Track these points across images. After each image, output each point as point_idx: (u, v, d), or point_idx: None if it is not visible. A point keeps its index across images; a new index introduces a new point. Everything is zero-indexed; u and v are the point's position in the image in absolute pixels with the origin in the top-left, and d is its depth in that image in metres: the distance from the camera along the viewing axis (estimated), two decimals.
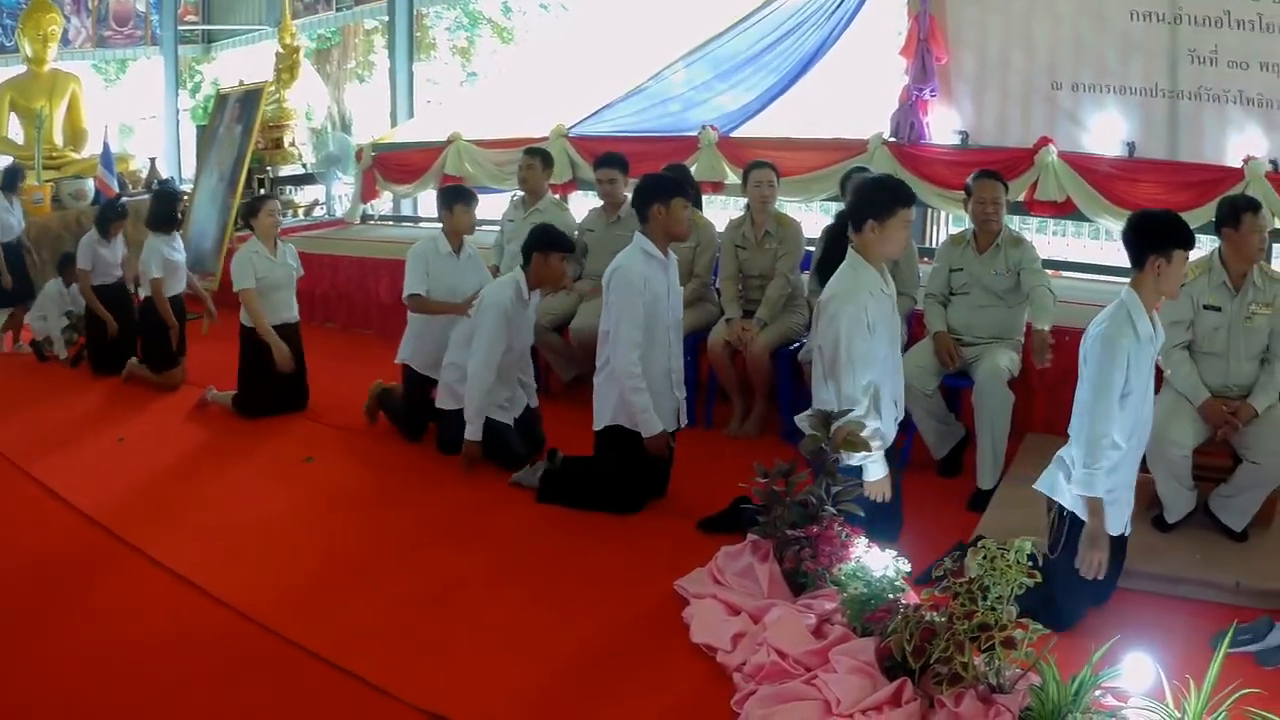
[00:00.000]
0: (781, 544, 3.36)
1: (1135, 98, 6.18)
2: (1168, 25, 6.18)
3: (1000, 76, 6.19)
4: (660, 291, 4.17)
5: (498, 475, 4.61)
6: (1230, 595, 3.62)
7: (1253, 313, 4.16)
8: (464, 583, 3.63)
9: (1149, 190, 5.96)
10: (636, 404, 4.08)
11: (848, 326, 3.37)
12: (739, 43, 7.06)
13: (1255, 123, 6.12)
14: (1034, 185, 6.05)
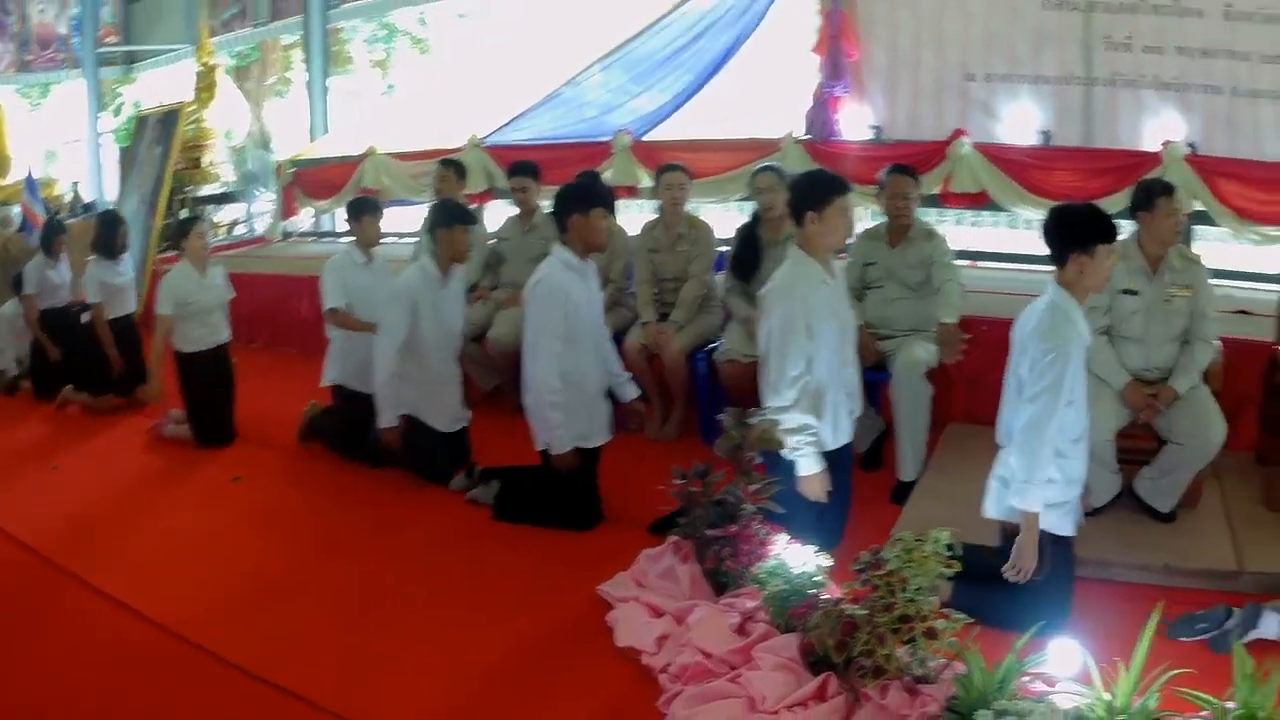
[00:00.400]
0: (701, 544, 3.37)
1: (1049, 86, 6.16)
2: (1081, 13, 6.19)
3: (912, 71, 6.17)
4: (582, 301, 4.14)
5: (422, 486, 4.67)
6: (1160, 576, 3.66)
7: (1171, 295, 4.17)
8: (390, 594, 3.66)
9: (1065, 178, 5.95)
10: (550, 419, 4.04)
11: (780, 321, 3.36)
12: (653, 44, 6.99)
13: (1172, 107, 6.13)
14: (949, 178, 5.97)
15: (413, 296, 4.55)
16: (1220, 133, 6.13)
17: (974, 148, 5.93)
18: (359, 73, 9.83)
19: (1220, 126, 6.14)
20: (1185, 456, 3.96)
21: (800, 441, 3.38)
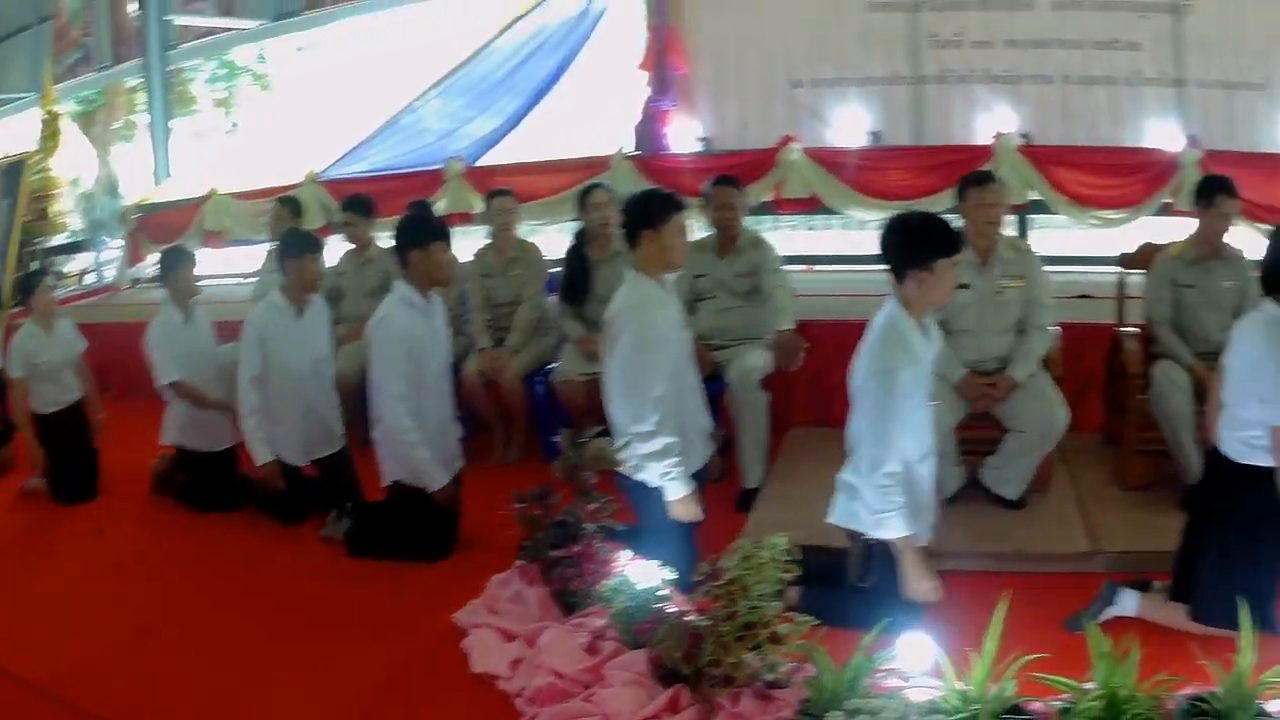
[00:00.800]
0: (547, 566, 3.37)
1: (877, 87, 6.20)
2: (907, 13, 6.22)
3: (740, 80, 6.16)
4: (425, 338, 4.08)
5: (276, 527, 4.60)
6: (1013, 563, 3.72)
7: (1003, 286, 4.17)
8: (252, 635, 3.61)
9: (896, 177, 5.98)
10: (416, 459, 3.99)
11: (632, 344, 3.30)
12: (486, 67, 6.87)
13: (1003, 99, 6.18)
14: (780, 184, 5.93)
15: (262, 332, 4.39)
16: (1055, 121, 6.20)
17: (803, 153, 5.94)
18: (203, 113, 9.59)
19: (1054, 115, 6.20)
20: (1029, 443, 3.99)
21: (668, 465, 3.33)
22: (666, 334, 3.40)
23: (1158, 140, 6.18)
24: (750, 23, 6.15)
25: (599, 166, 6.25)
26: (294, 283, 4.47)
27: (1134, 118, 6.23)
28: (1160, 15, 6.27)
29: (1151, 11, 6.26)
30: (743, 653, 2.64)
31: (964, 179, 4.22)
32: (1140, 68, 6.25)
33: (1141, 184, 6.05)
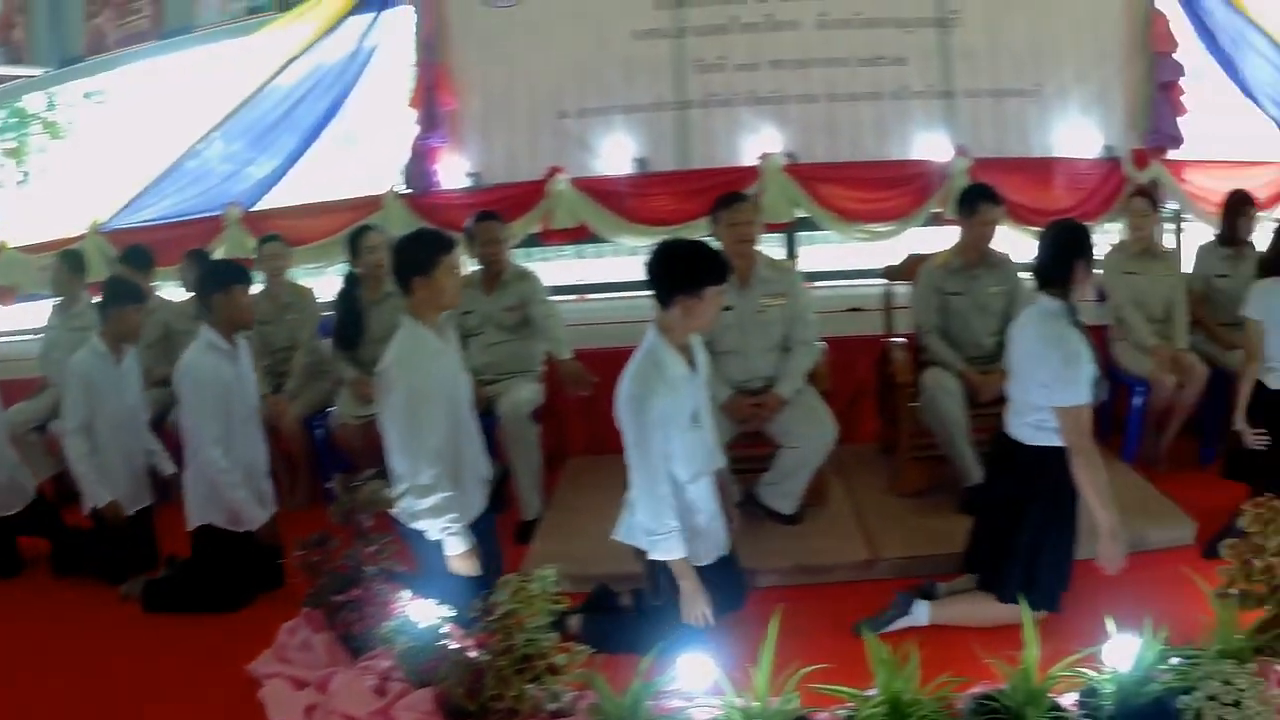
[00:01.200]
0: (331, 611, 3.37)
1: (643, 115, 6.20)
2: (671, 39, 6.23)
3: (507, 114, 6.13)
4: (232, 382, 4.06)
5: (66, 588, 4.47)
6: (794, 576, 3.88)
7: (764, 305, 4.23)
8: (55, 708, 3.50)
9: (663, 202, 6.03)
10: (234, 500, 3.99)
11: (406, 397, 3.24)
12: (264, 108, 6.72)
13: (769, 121, 6.22)
14: (548, 215, 5.93)
15: (86, 379, 4.29)
16: (820, 139, 6.27)
17: (570, 183, 5.94)
18: None
19: (819, 133, 6.27)
20: (801, 458, 4.07)
21: (447, 520, 3.30)
22: (443, 383, 3.37)
23: (926, 152, 6.28)
24: (517, 56, 6.13)
25: (371, 206, 6.19)
26: (113, 331, 4.40)
27: (901, 131, 6.31)
28: (926, 29, 6.37)
29: (917, 26, 6.36)
30: (523, 685, 2.67)
31: (716, 200, 4.29)
32: (907, 81, 6.34)
33: (909, 195, 6.16)
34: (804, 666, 2.65)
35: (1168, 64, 6.57)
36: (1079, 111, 6.52)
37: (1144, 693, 2.65)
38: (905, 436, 4.68)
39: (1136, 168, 6.40)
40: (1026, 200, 6.26)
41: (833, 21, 6.25)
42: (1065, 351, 3.29)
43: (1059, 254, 3.41)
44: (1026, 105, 6.46)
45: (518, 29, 6.10)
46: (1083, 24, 6.55)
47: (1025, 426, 3.44)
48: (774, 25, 6.20)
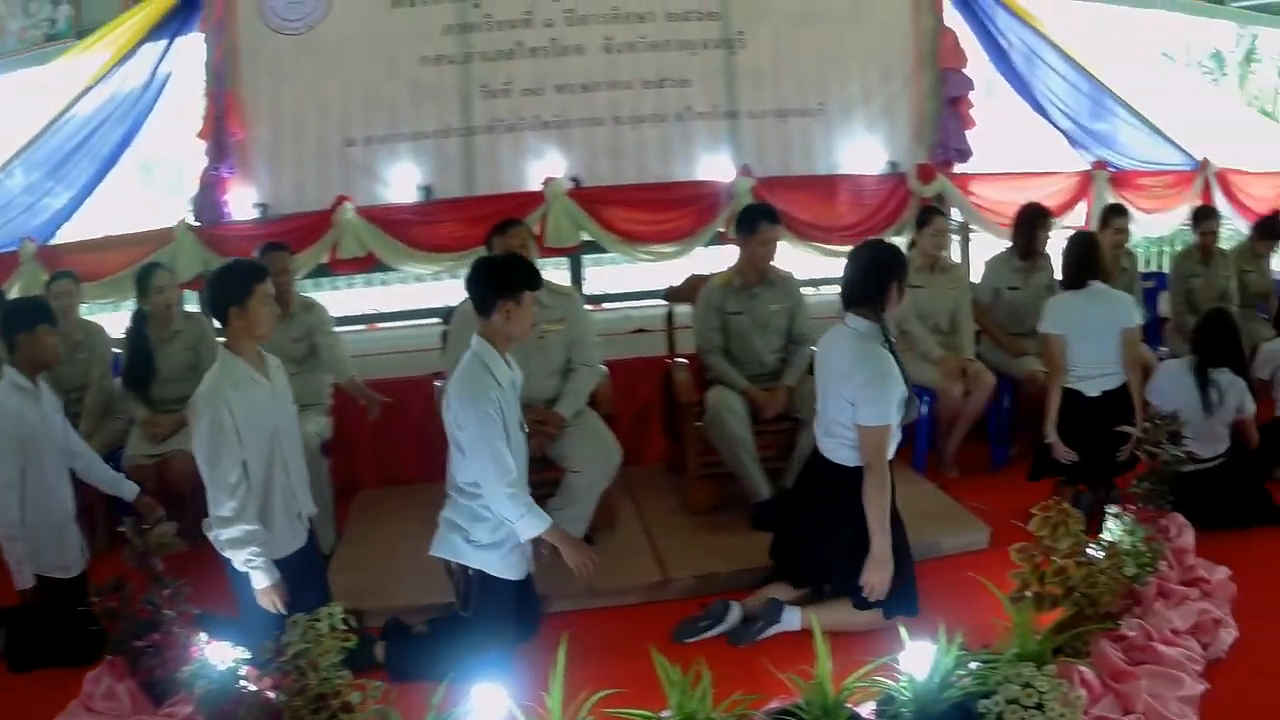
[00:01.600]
0: (133, 658, 3.32)
1: (429, 141, 6.25)
2: (458, 66, 6.29)
3: (295, 143, 6.12)
4: (36, 424, 3.95)
5: None
6: (589, 599, 3.91)
7: (544, 331, 4.29)
8: None
9: (449, 230, 6.08)
10: (10, 554, 3.84)
11: (209, 429, 3.23)
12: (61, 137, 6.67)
13: (553, 145, 6.32)
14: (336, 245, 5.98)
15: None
16: (604, 162, 6.38)
17: (357, 212, 5.96)
18: None
19: (604, 156, 6.38)
20: (587, 482, 4.11)
21: (251, 554, 3.28)
22: (253, 416, 3.32)
23: (711, 172, 6.41)
24: (306, 83, 6.13)
25: (163, 239, 6.14)
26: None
27: (685, 152, 6.44)
28: (712, 51, 6.51)
29: (703, 49, 6.49)
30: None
31: (491, 228, 4.43)
32: (691, 103, 6.47)
33: (693, 216, 6.30)
34: (597, 691, 2.69)
35: (956, 79, 6.75)
36: (864, 128, 6.70)
37: (943, 699, 2.70)
38: (692, 456, 4.77)
39: (921, 182, 6.58)
40: (810, 218, 6.45)
41: (618, 45, 6.35)
42: (876, 371, 3.40)
43: (873, 274, 3.51)
44: (811, 124, 6.63)
45: (307, 56, 6.09)
46: (870, 42, 6.74)
47: (838, 446, 3.57)
48: (560, 50, 6.29)
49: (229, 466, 3.25)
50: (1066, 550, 3.29)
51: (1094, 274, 4.72)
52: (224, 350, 3.38)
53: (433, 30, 6.19)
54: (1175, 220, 7.29)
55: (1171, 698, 3.08)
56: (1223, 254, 6.34)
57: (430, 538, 4.20)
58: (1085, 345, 4.62)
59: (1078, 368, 4.64)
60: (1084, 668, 3.03)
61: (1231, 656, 3.49)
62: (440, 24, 6.19)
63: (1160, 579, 3.72)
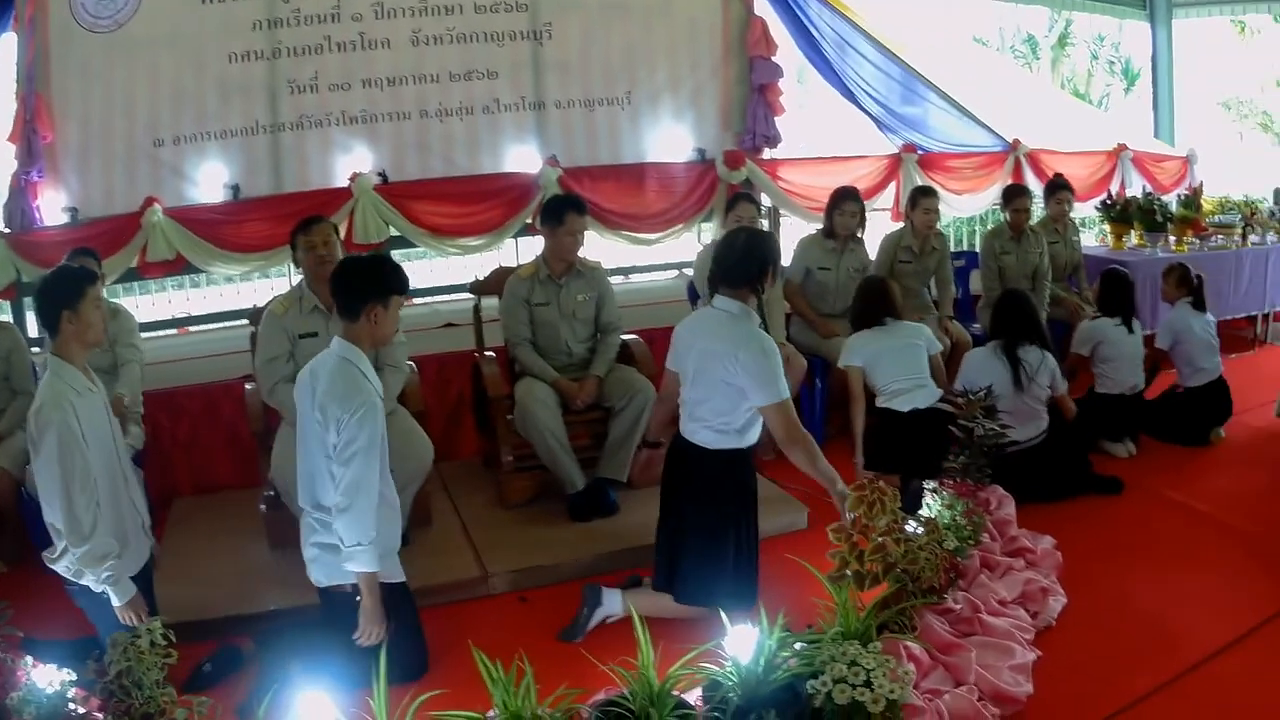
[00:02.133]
0: None
1: (237, 139, 6.25)
2: (267, 61, 6.30)
3: (105, 144, 6.07)
4: None
5: None
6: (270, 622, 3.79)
7: None
8: None
9: (256, 229, 6.08)
10: None
11: (59, 435, 3.10)
12: None
13: (360, 140, 6.37)
14: (145, 247, 5.98)
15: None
16: (412, 157, 6.46)
17: (165, 214, 5.94)
18: None
19: (411, 151, 6.46)
20: (401, 481, 4.04)
21: (107, 569, 3.20)
22: (93, 425, 3.25)
23: (519, 164, 6.56)
24: (116, 83, 6.06)
25: None
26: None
27: (492, 144, 6.57)
28: (520, 43, 6.64)
29: (510, 40, 6.61)
30: None
31: (295, 227, 4.42)
32: (498, 95, 6.60)
33: (501, 208, 6.43)
34: (422, 693, 2.66)
35: (764, 66, 6.96)
36: (672, 117, 6.90)
37: (769, 681, 2.71)
38: (505, 449, 4.82)
39: (729, 168, 6.78)
40: (618, 207, 6.63)
41: (426, 38, 6.43)
42: (761, 349, 3.46)
43: (755, 257, 3.57)
44: (618, 113, 6.81)
45: (116, 54, 6.03)
46: (678, 31, 6.92)
47: (707, 431, 3.61)
48: (367, 44, 6.34)
49: (83, 479, 3.16)
50: (884, 528, 3.31)
51: (889, 313, 5.05)
52: (55, 359, 3.26)
53: (241, 26, 6.19)
54: (987, 200, 7.59)
55: (1003, 667, 3.20)
56: (1034, 232, 6.59)
57: (250, 543, 4.33)
58: (890, 364, 4.90)
59: (890, 385, 4.90)
60: (911, 643, 3.10)
61: (1061, 623, 3.66)
62: (249, 19, 6.19)
63: (983, 551, 3.88)
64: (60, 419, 3.12)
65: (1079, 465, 5.07)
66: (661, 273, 7.70)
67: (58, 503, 3.14)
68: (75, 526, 3.14)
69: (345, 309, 3.30)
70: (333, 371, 3.23)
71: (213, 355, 5.90)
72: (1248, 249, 7.61)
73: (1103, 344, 5.56)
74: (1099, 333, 5.58)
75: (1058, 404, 5.14)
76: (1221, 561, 4.17)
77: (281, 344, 4.22)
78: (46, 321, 3.29)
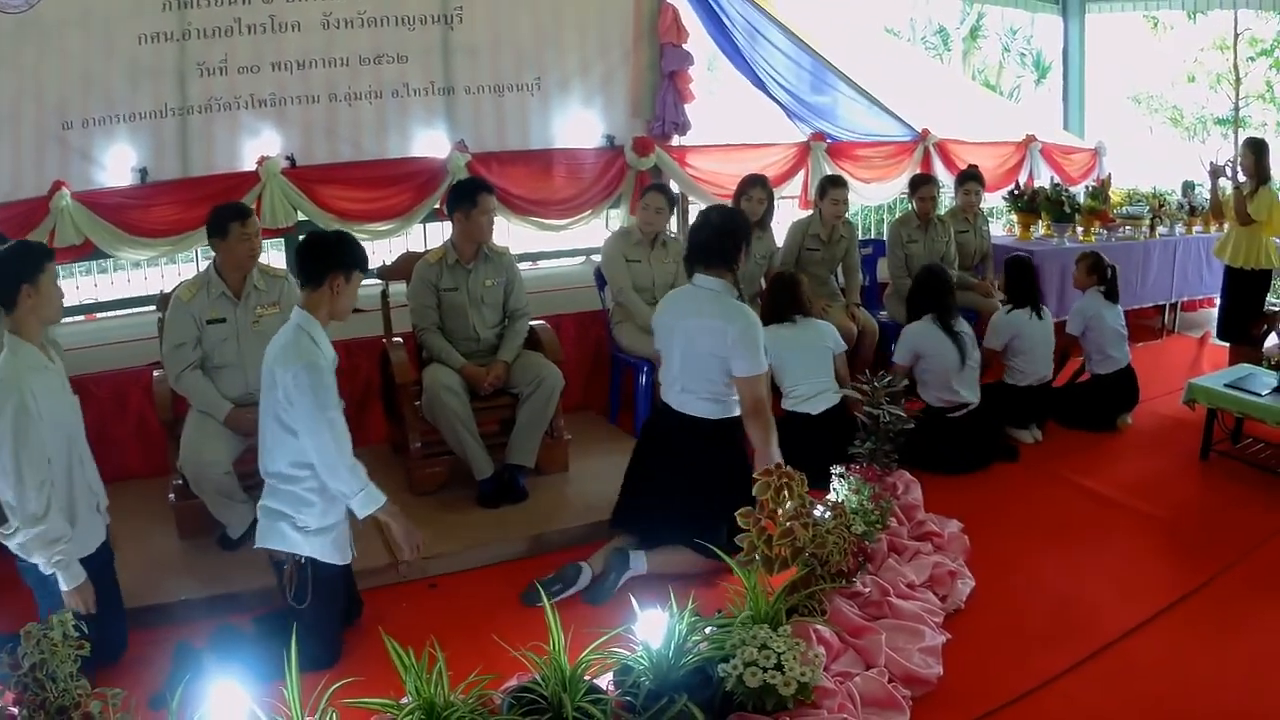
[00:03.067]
0: None
1: (146, 122, 6.25)
2: (176, 43, 6.30)
3: (13, 128, 6.02)
4: None
5: None
6: (181, 612, 3.84)
7: (259, 315, 4.37)
8: None
9: (165, 213, 6.11)
10: None
11: (14, 412, 3.09)
12: None
13: (269, 124, 6.41)
14: (53, 232, 5.97)
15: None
16: (320, 141, 6.51)
17: (73, 198, 5.94)
18: None
19: (320, 135, 6.51)
20: None
21: (60, 552, 3.17)
22: (50, 403, 3.22)
23: (427, 149, 6.65)
24: (26, 65, 6.01)
25: None
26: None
27: (401, 128, 6.65)
28: (430, 27, 6.71)
29: (420, 24, 6.68)
30: None
31: (222, 215, 4.39)
32: (408, 79, 6.68)
33: (409, 193, 6.52)
34: (334, 682, 2.68)
35: (675, 53, 7.10)
36: (581, 103, 7.02)
37: (680, 665, 2.77)
38: (413, 436, 4.86)
39: (638, 155, 6.92)
40: (526, 192, 6.76)
41: (336, 21, 6.47)
42: (748, 323, 3.67)
43: (729, 235, 3.76)
44: (527, 98, 6.92)
45: (29, 36, 5.99)
46: (589, 17, 7.05)
47: (695, 400, 3.82)
48: (277, 26, 6.36)
49: (35, 462, 3.13)
50: (792, 512, 3.36)
51: (797, 309, 5.19)
52: (11, 337, 3.23)
53: (152, 7, 6.18)
54: (896, 189, 7.80)
55: (913, 649, 3.29)
56: (940, 221, 6.79)
57: (159, 533, 4.32)
58: (799, 365, 5.04)
59: (797, 389, 5.04)
60: (820, 626, 3.17)
61: (970, 606, 3.76)
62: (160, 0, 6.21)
63: (891, 535, 3.99)
64: (17, 400, 3.11)
65: (998, 433, 5.47)
66: (569, 259, 7.76)
67: (11, 481, 3.12)
68: (25, 508, 3.12)
69: (310, 276, 3.38)
70: (285, 335, 3.34)
71: (121, 342, 5.89)
72: (1156, 240, 7.85)
73: (1017, 337, 5.72)
74: (1014, 326, 5.73)
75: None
76: (1128, 545, 4.28)
77: (189, 330, 4.24)
78: (4, 296, 3.23)
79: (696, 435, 3.82)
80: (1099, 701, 3.16)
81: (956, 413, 5.25)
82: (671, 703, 2.65)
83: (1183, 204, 8.38)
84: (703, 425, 3.81)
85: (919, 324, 5.34)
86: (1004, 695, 3.17)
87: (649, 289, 5.61)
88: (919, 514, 4.34)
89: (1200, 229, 8.12)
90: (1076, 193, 8.20)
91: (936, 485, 4.74)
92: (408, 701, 2.61)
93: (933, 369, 5.31)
